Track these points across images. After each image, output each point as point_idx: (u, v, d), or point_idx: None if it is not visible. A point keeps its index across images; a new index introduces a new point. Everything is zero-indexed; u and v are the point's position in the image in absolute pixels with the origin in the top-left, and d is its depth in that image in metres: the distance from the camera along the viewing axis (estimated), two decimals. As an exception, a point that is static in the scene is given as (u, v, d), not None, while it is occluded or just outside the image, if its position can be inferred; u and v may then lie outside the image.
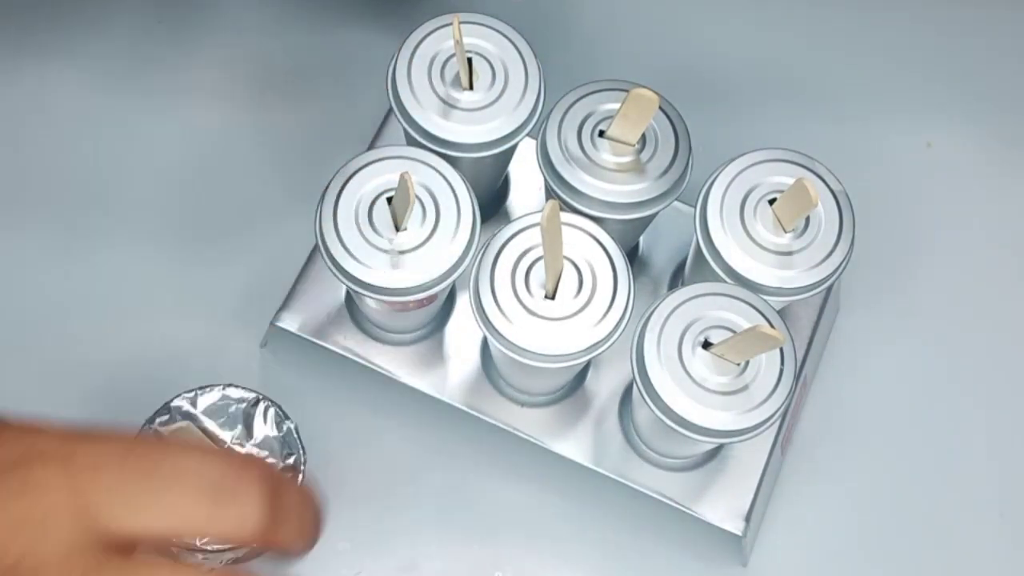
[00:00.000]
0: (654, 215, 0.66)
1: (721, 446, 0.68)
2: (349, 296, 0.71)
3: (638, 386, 0.61)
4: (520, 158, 0.71)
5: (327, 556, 0.70)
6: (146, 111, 0.79)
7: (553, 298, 0.62)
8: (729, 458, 0.69)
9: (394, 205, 0.62)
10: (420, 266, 0.62)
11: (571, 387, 0.70)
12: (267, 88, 0.80)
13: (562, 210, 0.62)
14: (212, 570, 0.50)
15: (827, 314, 0.73)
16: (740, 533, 0.68)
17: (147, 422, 0.64)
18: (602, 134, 0.65)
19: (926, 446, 0.74)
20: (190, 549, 0.63)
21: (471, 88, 0.65)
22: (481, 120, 0.65)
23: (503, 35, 0.66)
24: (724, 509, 0.68)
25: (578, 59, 0.80)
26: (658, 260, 0.73)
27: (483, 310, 0.62)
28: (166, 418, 0.65)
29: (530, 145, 0.68)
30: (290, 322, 0.71)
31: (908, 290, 0.77)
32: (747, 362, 0.61)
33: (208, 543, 0.63)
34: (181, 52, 0.80)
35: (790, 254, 0.63)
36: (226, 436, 0.64)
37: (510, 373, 0.68)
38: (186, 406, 0.65)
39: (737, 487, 0.68)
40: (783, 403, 0.61)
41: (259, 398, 0.65)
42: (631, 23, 0.83)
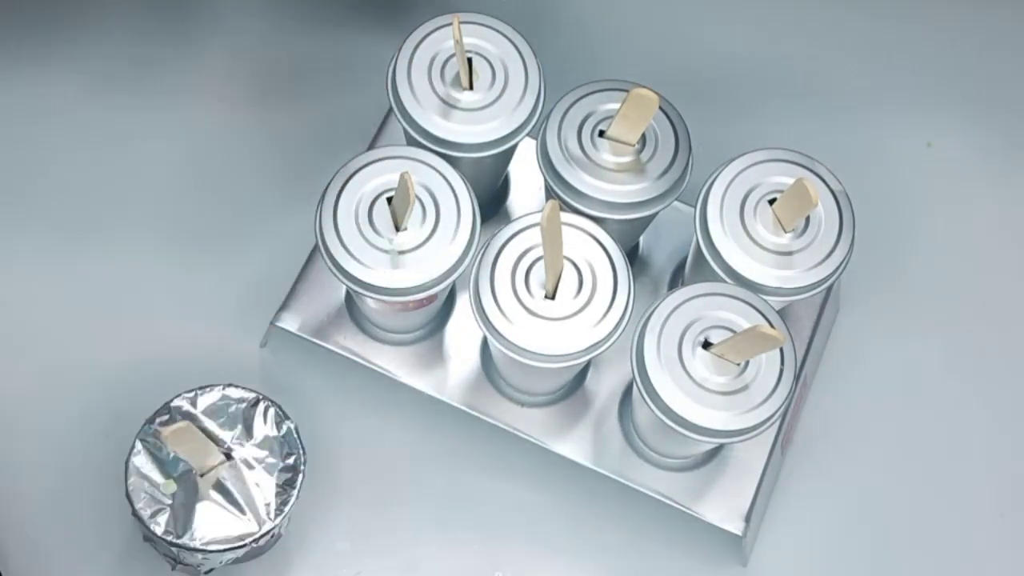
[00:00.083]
0: (654, 215, 0.66)
1: (721, 446, 0.68)
2: (349, 296, 0.71)
3: (638, 386, 0.61)
4: (520, 158, 0.71)
5: (327, 556, 0.70)
6: (146, 112, 0.79)
7: (553, 298, 0.62)
8: (729, 458, 0.69)
9: (394, 205, 0.62)
10: (420, 266, 0.62)
11: (571, 387, 0.70)
12: (267, 89, 0.80)
13: (562, 210, 0.62)
14: None
15: (827, 314, 0.73)
16: (740, 533, 0.68)
17: (147, 422, 0.64)
18: (602, 134, 0.65)
19: (926, 446, 0.74)
20: (190, 549, 0.63)
21: (471, 88, 0.65)
22: (481, 120, 0.65)
23: (503, 35, 0.66)
24: (724, 509, 0.68)
25: (578, 59, 0.80)
26: (658, 260, 0.73)
27: (483, 310, 0.62)
28: (166, 418, 0.65)
29: (530, 145, 0.68)
30: (290, 322, 0.71)
31: (908, 290, 0.77)
32: (747, 362, 0.61)
33: (207, 542, 0.63)
34: (181, 54, 0.80)
35: (790, 254, 0.63)
36: (226, 436, 0.64)
37: (510, 373, 0.68)
38: (186, 406, 0.65)
39: (737, 487, 0.68)
40: (783, 403, 0.61)
41: (259, 398, 0.65)
42: (631, 23, 0.83)
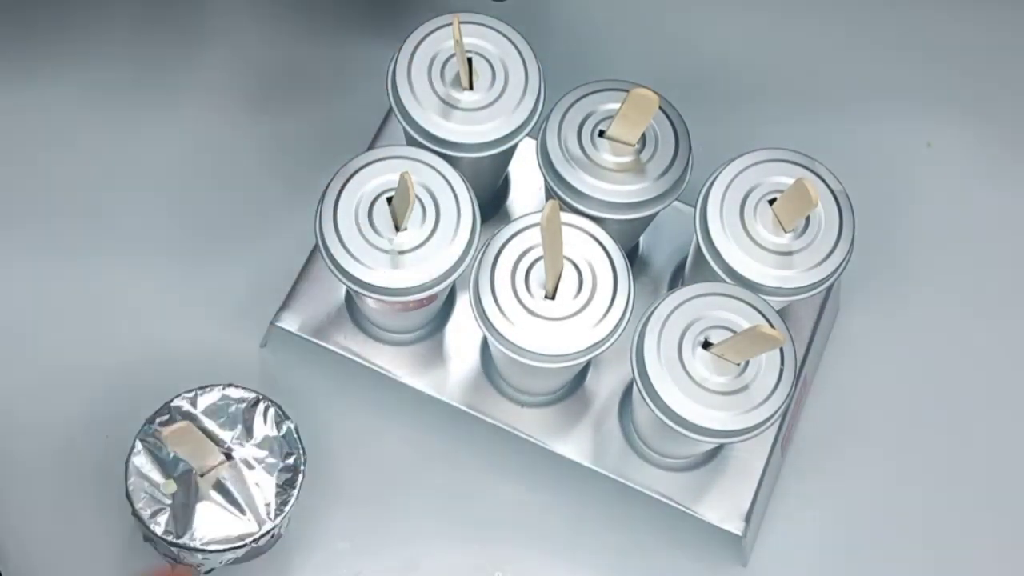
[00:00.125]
0: (654, 215, 0.66)
1: (721, 446, 0.68)
2: (349, 296, 0.71)
3: (638, 386, 0.61)
4: (520, 158, 0.71)
5: (327, 556, 0.70)
6: (146, 111, 0.79)
7: (553, 298, 0.62)
8: (729, 458, 0.69)
9: (394, 205, 0.62)
10: (420, 266, 0.62)
11: (571, 387, 0.70)
12: (267, 89, 0.80)
13: (562, 210, 0.62)
14: None
15: (827, 314, 0.73)
16: (740, 533, 0.68)
17: (147, 422, 0.64)
18: (602, 134, 0.65)
19: (926, 446, 0.74)
20: (190, 549, 0.63)
21: (471, 88, 0.65)
22: (481, 120, 0.65)
23: (503, 35, 0.66)
24: (724, 509, 0.68)
25: (578, 59, 0.80)
26: (658, 260, 0.73)
27: (483, 310, 0.62)
28: (166, 418, 0.64)
29: (530, 145, 0.68)
30: (290, 322, 0.71)
31: (908, 290, 0.77)
32: (747, 362, 0.61)
33: (207, 542, 0.63)
34: (181, 54, 0.80)
35: (790, 254, 0.63)
36: (226, 436, 0.64)
37: (510, 373, 0.68)
38: (186, 406, 0.65)
39: (737, 487, 0.68)
40: (783, 403, 0.61)
41: (259, 398, 0.65)
42: (631, 23, 0.83)
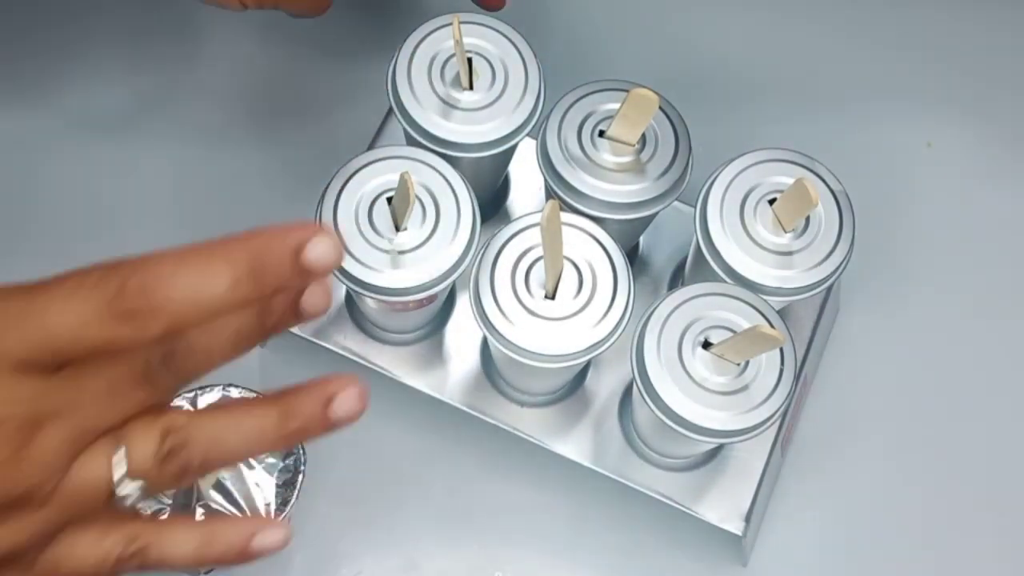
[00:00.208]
0: (654, 215, 0.66)
1: (721, 446, 0.68)
2: (349, 296, 0.71)
3: (638, 386, 0.61)
4: (520, 158, 0.71)
5: (327, 556, 0.70)
6: (146, 110, 0.79)
7: (553, 298, 0.62)
8: (729, 458, 0.69)
9: (394, 205, 0.62)
10: (420, 266, 0.62)
11: (571, 387, 0.70)
12: (266, 89, 0.80)
13: (562, 210, 0.62)
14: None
15: (827, 314, 0.73)
16: (740, 533, 0.68)
17: (147, 422, 0.64)
18: (602, 134, 0.65)
19: (926, 446, 0.74)
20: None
21: (471, 88, 0.65)
22: (481, 120, 0.65)
23: (503, 35, 0.66)
24: (724, 509, 0.68)
25: (578, 59, 0.80)
26: (658, 260, 0.73)
27: (483, 310, 0.62)
28: (166, 418, 0.65)
29: (530, 145, 0.68)
30: (290, 322, 0.71)
31: (908, 290, 0.77)
32: (747, 362, 0.61)
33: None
34: (182, 50, 0.80)
35: (790, 254, 0.63)
36: (226, 436, 0.64)
37: (510, 373, 0.68)
38: (186, 406, 0.65)
39: (737, 487, 0.68)
40: (783, 403, 0.61)
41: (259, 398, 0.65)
42: (631, 23, 0.83)
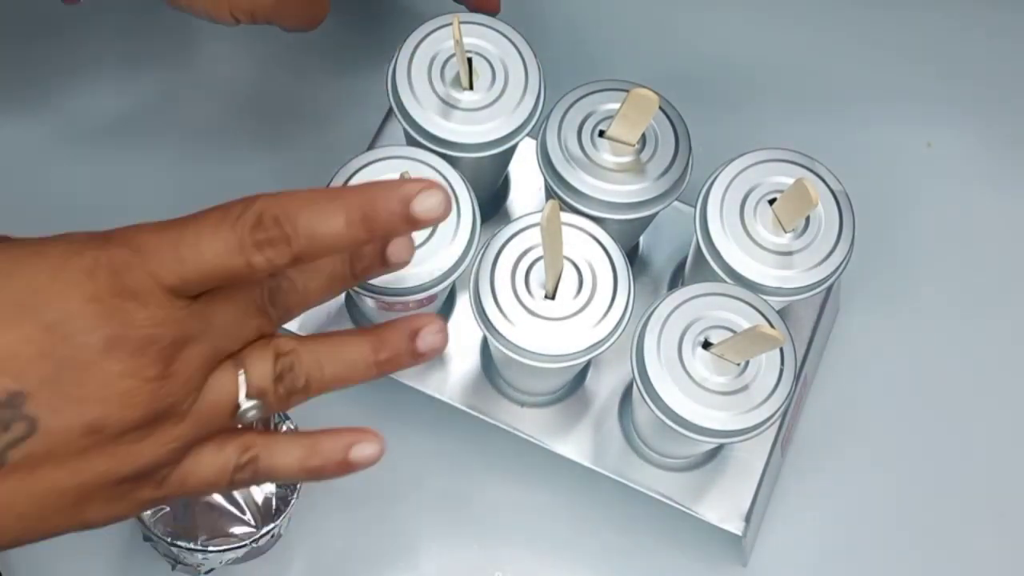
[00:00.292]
0: (654, 215, 0.66)
1: (721, 446, 0.68)
2: (349, 296, 0.71)
3: (638, 386, 0.61)
4: (520, 158, 0.71)
5: (327, 556, 0.70)
6: (146, 112, 0.79)
7: (553, 298, 0.62)
8: (729, 458, 0.69)
9: (394, 205, 0.62)
10: (420, 266, 0.62)
11: (571, 387, 0.70)
12: (267, 89, 0.80)
13: (562, 210, 0.62)
14: None
15: (827, 314, 0.73)
16: (740, 533, 0.68)
17: (147, 422, 0.64)
18: (602, 134, 0.65)
19: (926, 445, 0.74)
20: (190, 549, 0.63)
21: (471, 88, 0.65)
22: (481, 120, 0.65)
23: (503, 35, 0.66)
24: (724, 509, 0.68)
25: (578, 59, 0.80)
26: (658, 260, 0.73)
27: (483, 310, 0.62)
28: (166, 418, 0.64)
29: (530, 145, 0.68)
30: (290, 322, 0.71)
31: (908, 290, 0.77)
32: (747, 362, 0.61)
33: (207, 542, 0.63)
34: (181, 52, 0.80)
35: (790, 254, 0.63)
36: (226, 436, 0.64)
37: (510, 373, 0.68)
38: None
39: (737, 487, 0.68)
40: (783, 403, 0.61)
41: (259, 398, 0.65)
42: (631, 23, 0.83)
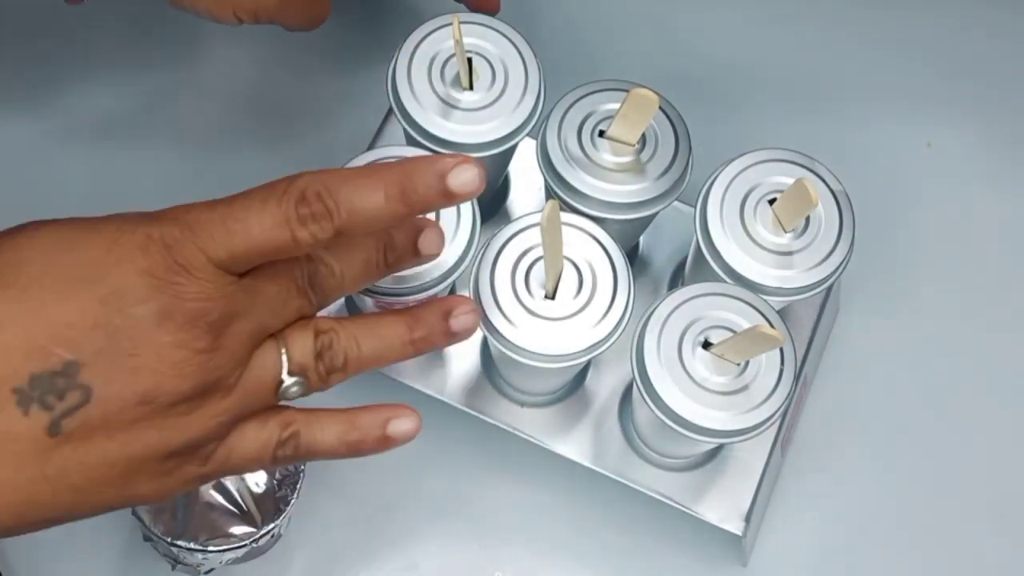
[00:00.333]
0: (654, 215, 0.66)
1: (721, 446, 0.68)
2: (349, 297, 0.71)
3: (638, 386, 0.61)
4: (520, 158, 0.71)
5: (327, 556, 0.70)
6: (146, 112, 0.79)
7: (553, 298, 0.62)
8: (729, 458, 0.69)
9: (394, 205, 0.62)
10: (420, 266, 0.62)
11: (571, 387, 0.70)
12: (267, 89, 0.81)
13: (562, 210, 0.62)
14: None
15: (827, 314, 0.73)
16: (740, 533, 0.68)
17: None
18: (602, 134, 0.65)
19: (926, 446, 0.74)
20: (190, 549, 0.63)
21: (471, 88, 0.65)
22: (481, 120, 0.65)
23: (503, 35, 0.66)
24: (724, 509, 0.68)
25: (578, 59, 0.80)
26: (658, 260, 0.73)
27: (483, 310, 0.62)
28: (166, 418, 0.64)
29: (530, 145, 0.68)
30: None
31: (908, 290, 0.77)
32: (747, 362, 0.61)
33: (207, 542, 0.63)
34: (181, 51, 0.80)
35: (790, 254, 0.63)
36: (226, 436, 0.64)
37: (510, 373, 0.68)
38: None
39: (737, 487, 0.68)
40: (783, 403, 0.61)
41: (259, 398, 0.65)
42: (631, 23, 0.83)
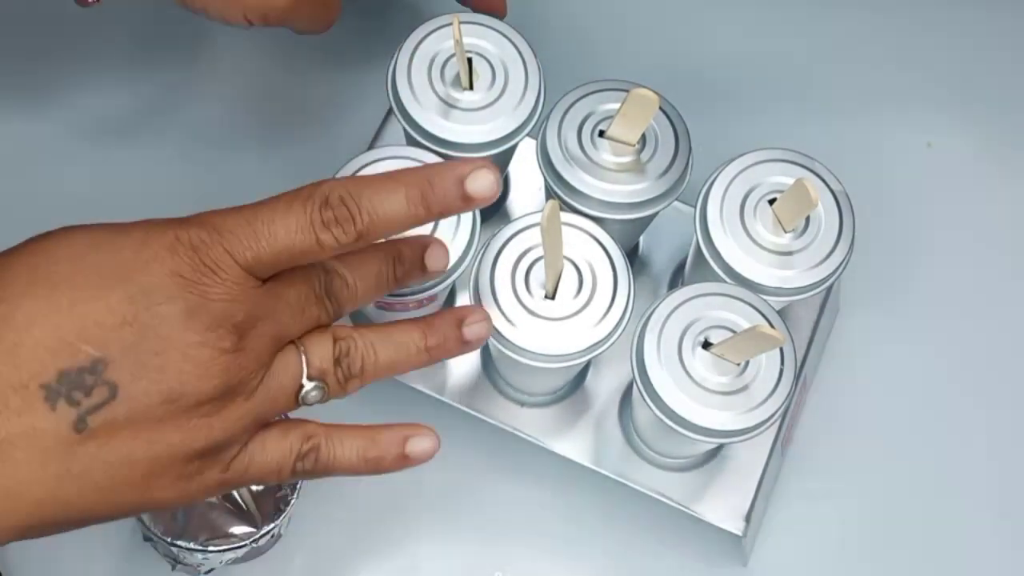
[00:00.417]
0: (654, 215, 0.66)
1: (721, 446, 0.68)
2: (349, 296, 0.71)
3: (638, 386, 0.61)
4: (520, 158, 0.71)
5: (327, 556, 0.70)
6: (148, 113, 0.79)
7: (553, 298, 0.62)
8: (729, 458, 0.69)
9: (394, 205, 0.62)
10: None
11: (571, 387, 0.70)
12: (267, 89, 0.80)
13: (562, 210, 0.62)
14: None
15: (827, 314, 0.73)
16: (740, 533, 0.68)
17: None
18: (602, 134, 0.65)
19: (926, 446, 0.74)
20: (190, 549, 0.63)
21: (471, 88, 0.65)
22: (481, 120, 0.65)
23: (503, 35, 0.66)
24: (724, 509, 0.68)
25: (578, 59, 0.80)
26: (658, 260, 0.73)
27: (483, 310, 0.62)
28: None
29: (530, 145, 0.68)
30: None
31: (908, 290, 0.77)
32: (747, 362, 0.61)
33: (207, 542, 0.63)
34: (183, 53, 0.80)
35: (790, 254, 0.63)
36: (226, 436, 0.64)
37: (510, 373, 0.68)
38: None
39: (737, 487, 0.68)
40: (783, 403, 0.61)
41: (259, 398, 0.65)
42: (631, 23, 0.83)
